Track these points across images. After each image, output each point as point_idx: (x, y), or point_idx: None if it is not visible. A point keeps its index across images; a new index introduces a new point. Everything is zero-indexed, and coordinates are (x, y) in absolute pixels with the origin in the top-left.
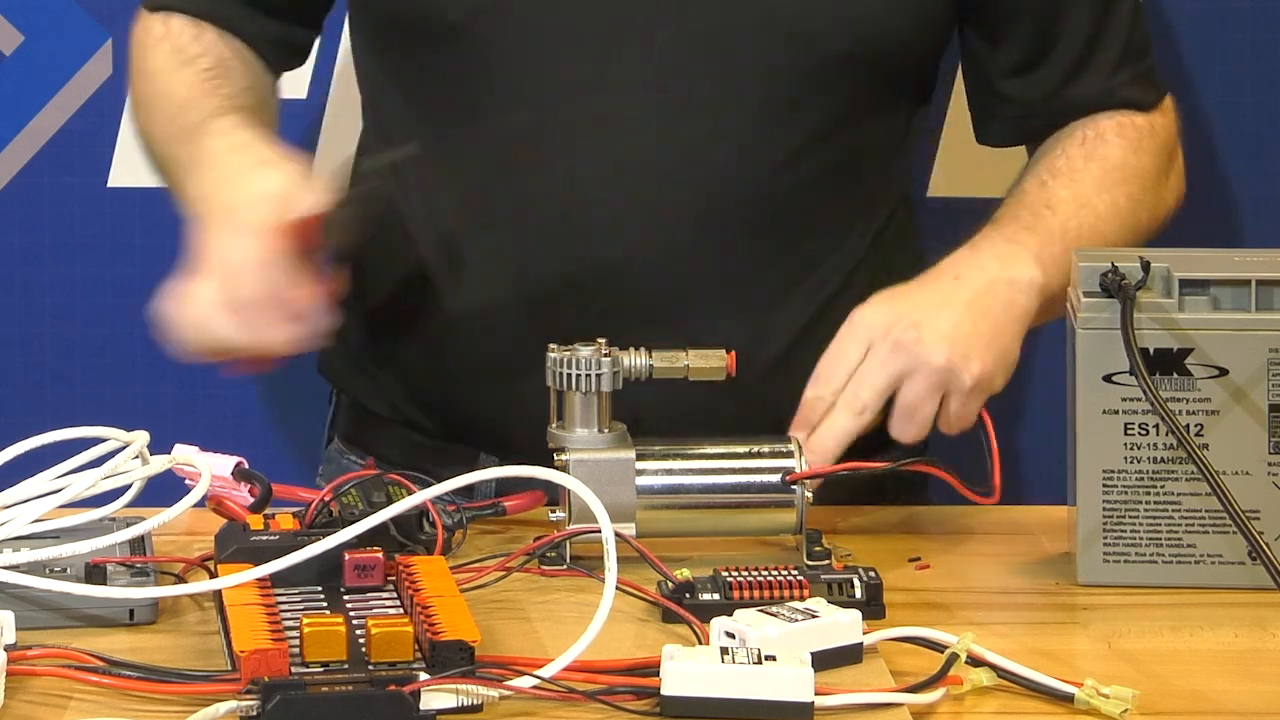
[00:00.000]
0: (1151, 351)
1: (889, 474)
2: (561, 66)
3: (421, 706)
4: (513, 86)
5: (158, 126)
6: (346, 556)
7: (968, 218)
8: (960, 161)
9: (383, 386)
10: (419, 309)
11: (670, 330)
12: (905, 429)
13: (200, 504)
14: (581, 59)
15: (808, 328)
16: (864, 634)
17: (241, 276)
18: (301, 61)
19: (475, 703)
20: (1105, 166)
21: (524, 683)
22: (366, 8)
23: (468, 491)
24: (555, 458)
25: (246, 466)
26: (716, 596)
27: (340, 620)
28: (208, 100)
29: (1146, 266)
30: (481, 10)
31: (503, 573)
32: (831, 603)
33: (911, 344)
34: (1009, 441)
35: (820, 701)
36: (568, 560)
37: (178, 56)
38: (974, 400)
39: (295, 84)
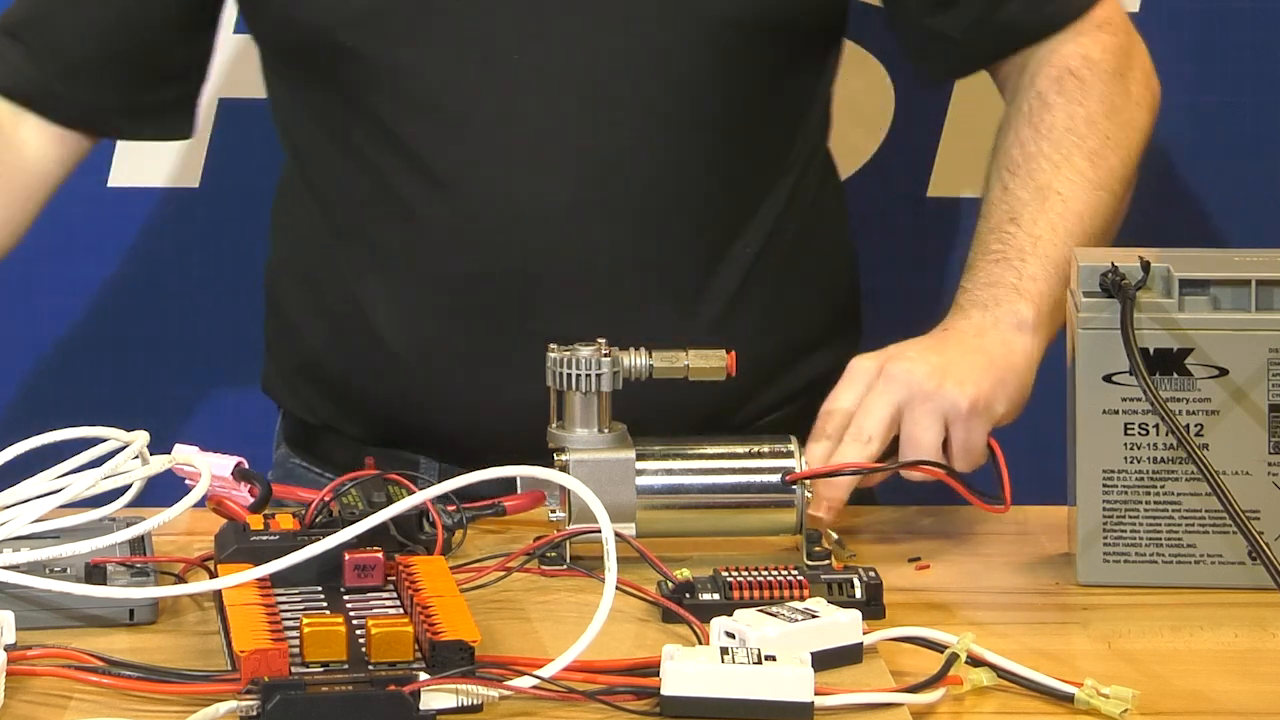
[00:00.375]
0: (1151, 351)
1: (892, 476)
2: (460, 71)
3: (421, 706)
4: (415, 96)
5: None
6: (346, 556)
7: (968, 218)
8: (960, 161)
9: (312, 401)
10: (344, 322)
11: (597, 318)
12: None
13: (200, 504)
14: (478, 61)
15: (738, 294)
16: (864, 634)
17: None
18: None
19: (475, 703)
20: (1054, 137)
21: (524, 683)
22: (263, 37)
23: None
24: (555, 458)
25: (246, 466)
26: (716, 596)
27: (340, 620)
28: None
29: (1146, 266)
30: (370, 29)
31: (503, 573)
32: (831, 603)
33: (905, 374)
34: (1009, 441)
35: (820, 701)
36: (568, 560)
37: None
38: (976, 427)
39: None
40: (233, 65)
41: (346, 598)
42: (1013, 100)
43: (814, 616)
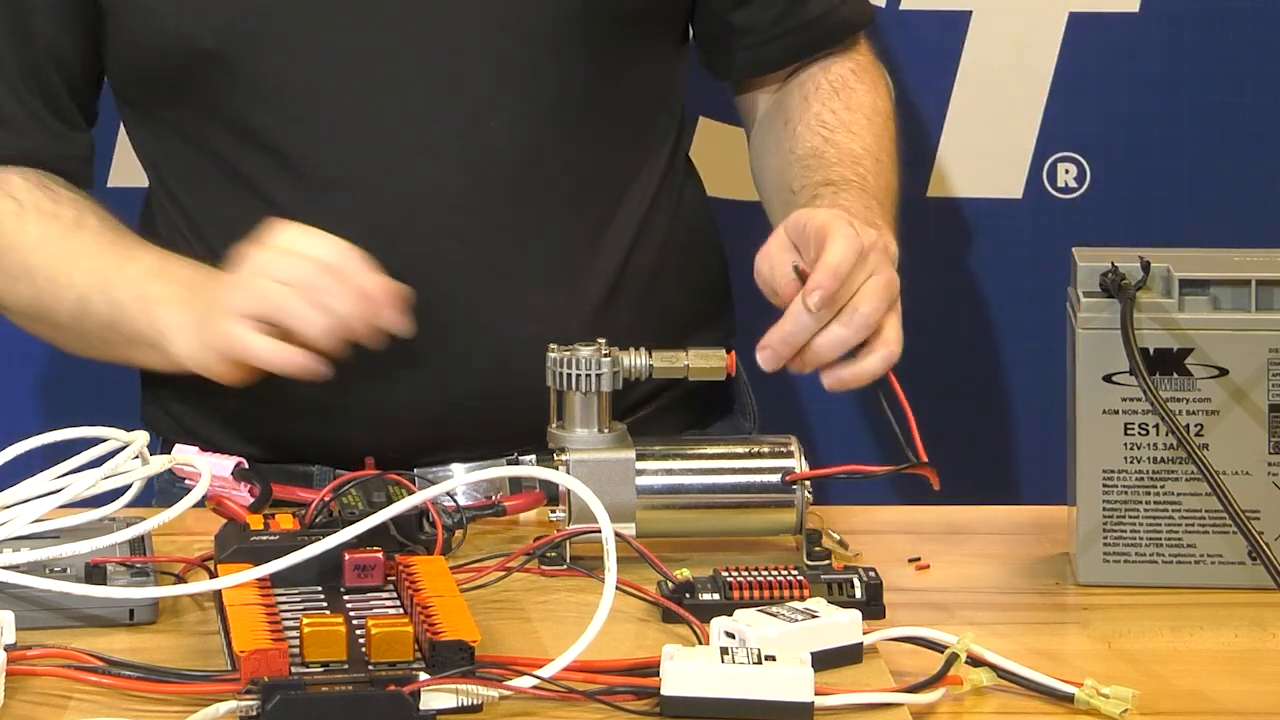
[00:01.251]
0: (1151, 351)
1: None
2: (321, 72)
3: (421, 706)
4: (280, 101)
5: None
6: (346, 556)
7: (968, 218)
8: (960, 161)
9: (195, 425)
10: None
11: (484, 303)
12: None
13: (200, 504)
14: (337, 62)
15: (618, 275)
16: (864, 634)
17: (319, 249)
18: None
19: (475, 703)
20: (867, 114)
21: (524, 683)
22: (129, 57)
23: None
24: (555, 458)
25: (246, 466)
26: (716, 596)
27: (340, 620)
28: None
29: (1146, 266)
30: (233, 36)
31: (503, 573)
32: (831, 603)
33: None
34: (1010, 441)
35: (820, 701)
36: (568, 560)
37: (46, 220)
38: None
39: None
40: None
41: (346, 598)
42: (800, 86)
43: (814, 616)
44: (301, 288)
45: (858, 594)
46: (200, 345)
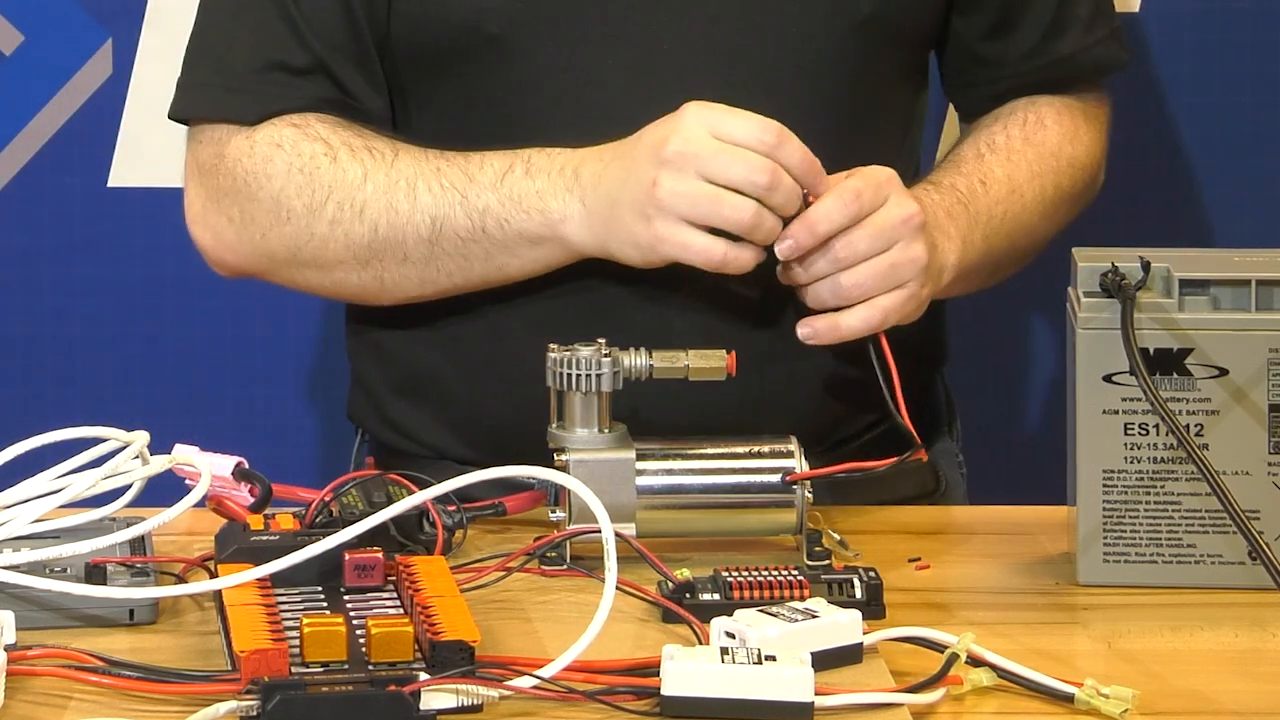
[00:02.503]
0: (1151, 351)
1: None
2: (607, 63)
3: (421, 706)
4: (559, 92)
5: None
6: (346, 556)
7: None
8: None
9: (409, 429)
10: (460, 334)
11: (740, 312)
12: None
13: (200, 504)
14: (627, 52)
15: None
16: (864, 634)
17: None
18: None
19: (475, 703)
20: (1041, 153)
21: (524, 683)
22: (406, 40)
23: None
24: (555, 458)
25: (246, 466)
26: (716, 596)
27: (340, 620)
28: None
29: (1146, 266)
30: (518, 21)
31: (503, 573)
32: (831, 603)
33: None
34: (1010, 441)
35: (820, 701)
36: (568, 560)
37: (361, 153)
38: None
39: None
40: None
41: (346, 598)
42: (1006, 106)
43: (814, 616)
44: (740, 184)
45: (858, 594)
46: (621, 236)
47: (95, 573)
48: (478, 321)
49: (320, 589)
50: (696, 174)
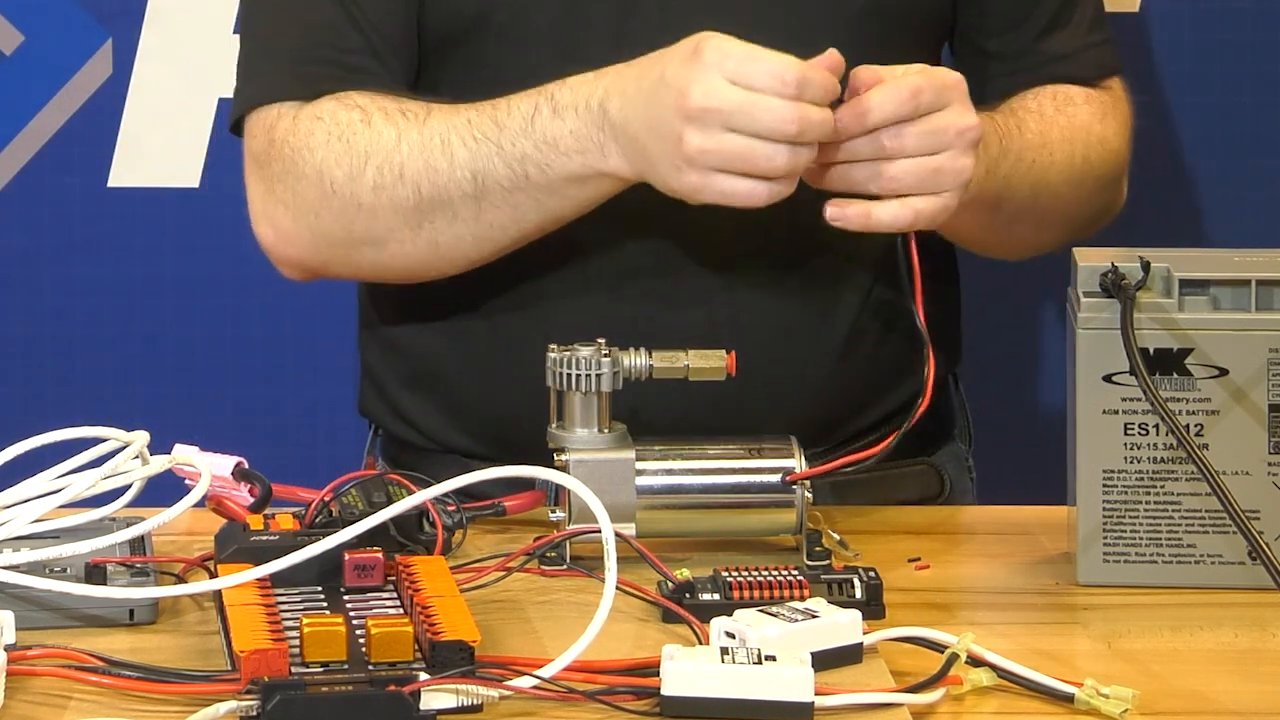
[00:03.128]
0: (1151, 351)
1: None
2: (594, 49)
3: (421, 706)
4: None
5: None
6: (346, 556)
7: None
8: None
9: (421, 418)
10: (469, 331)
11: (728, 309)
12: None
13: (200, 504)
14: (622, 44)
15: (870, 290)
16: (864, 634)
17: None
18: None
19: (475, 703)
20: (1073, 123)
21: (524, 683)
22: (429, 29)
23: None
24: (555, 458)
25: (246, 466)
26: (716, 596)
27: (340, 620)
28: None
29: (1146, 266)
30: (522, 9)
31: (503, 573)
32: (831, 603)
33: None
34: (1010, 442)
35: (820, 701)
36: (568, 560)
37: (395, 116)
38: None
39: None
40: (233, 65)
41: (346, 598)
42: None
43: (814, 616)
44: (768, 133)
45: (858, 594)
46: (658, 180)
47: (95, 573)
48: (486, 319)
49: (320, 589)
50: (723, 127)
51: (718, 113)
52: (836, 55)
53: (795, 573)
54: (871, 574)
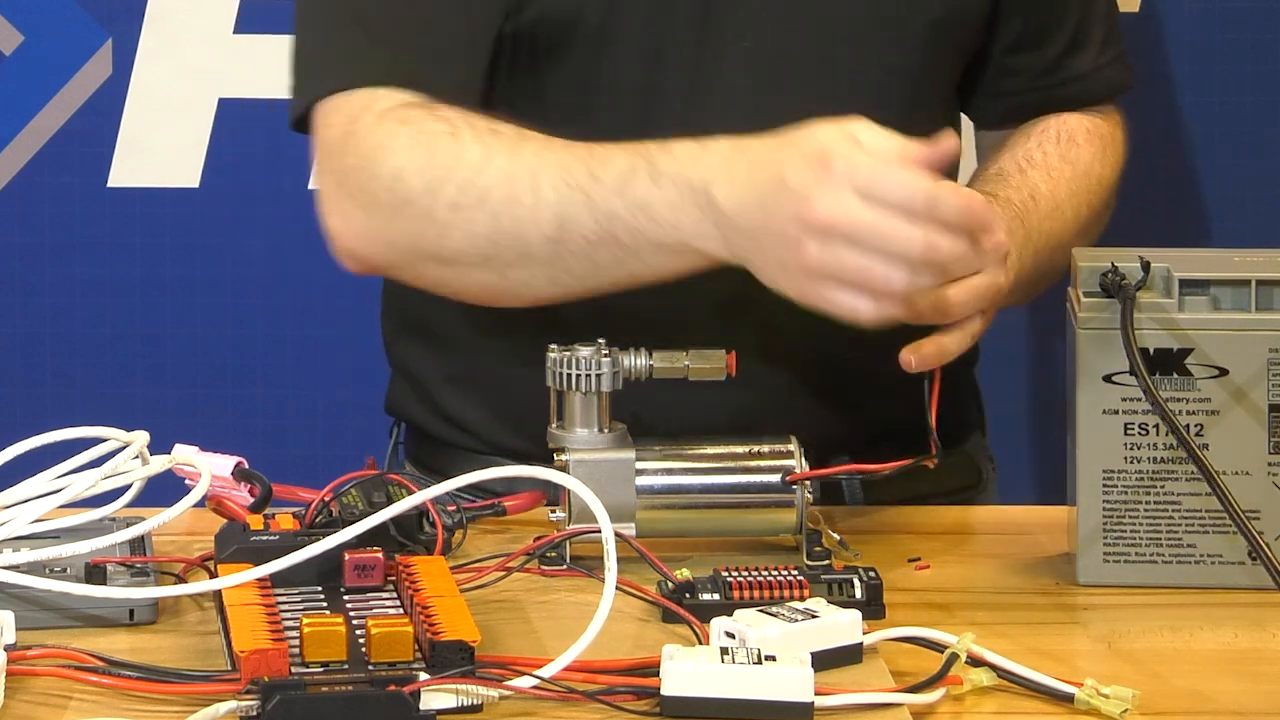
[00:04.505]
0: (1151, 351)
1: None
2: (695, 52)
3: (421, 706)
4: (625, 85)
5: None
6: (346, 556)
7: None
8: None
9: (463, 420)
10: (516, 330)
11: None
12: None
13: (200, 504)
14: (687, 47)
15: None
16: (864, 634)
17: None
18: None
19: (475, 703)
20: (1076, 170)
21: (524, 683)
22: (511, 32)
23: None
24: (555, 458)
25: (246, 466)
26: (716, 596)
27: (340, 620)
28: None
29: (1146, 266)
30: (618, 8)
31: (503, 573)
32: (831, 603)
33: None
34: (1009, 441)
35: (820, 701)
36: (568, 560)
37: (485, 135)
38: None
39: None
40: (233, 65)
41: (346, 598)
42: (1031, 125)
43: (814, 616)
44: (892, 253)
45: (858, 594)
46: (764, 275)
47: (95, 573)
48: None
49: (320, 589)
50: (846, 243)
51: (844, 228)
52: (954, 139)
53: (795, 573)
54: (871, 574)
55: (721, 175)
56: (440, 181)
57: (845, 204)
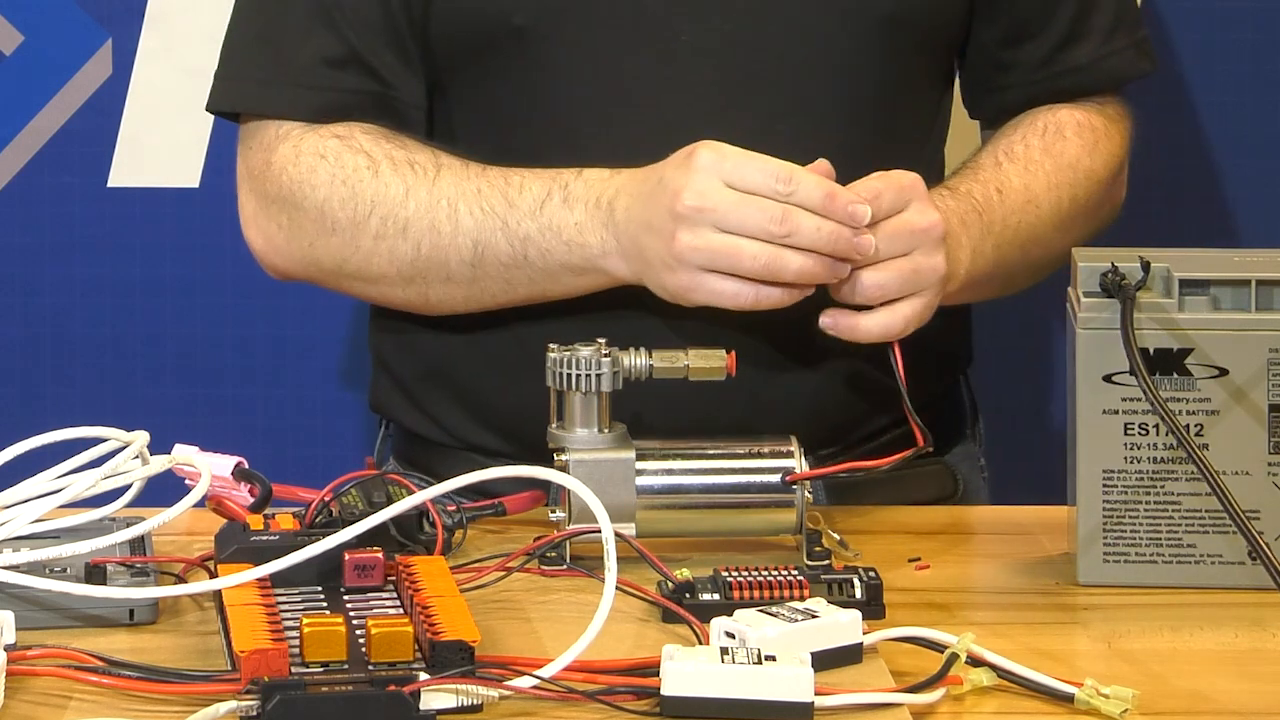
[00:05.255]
0: (1151, 351)
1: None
2: (620, 55)
3: (421, 706)
4: (576, 84)
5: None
6: (346, 556)
7: None
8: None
9: (437, 413)
10: (481, 323)
11: (760, 321)
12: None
13: (200, 504)
14: (639, 46)
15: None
16: (864, 634)
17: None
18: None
19: (475, 703)
20: (1059, 164)
21: (524, 683)
22: (439, 30)
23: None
24: (555, 458)
25: (246, 466)
26: (716, 596)
27: (340, 620)
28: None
29: (1146, 266)
30: (543, 9)
31: (503, 573)
32: (831, 603)
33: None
34: (1009, 441)
35: (820, 701)
36: (568, 560)
37: (403, 168)
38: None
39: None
40: None
41: (346, 598)
42: (1022, 117)
43: (814, 616)
44: (756, 232)
45: (858, 594)
46: (653, 280)
47: (95, 573)
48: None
49: (320, 589)
50: (713, 227)
51: (709, 211)
52: (826, 165)
53: (795, 573)
54: (871, 574)
55: (624, 191)
56: (364, 215)
57: (709, 189)
